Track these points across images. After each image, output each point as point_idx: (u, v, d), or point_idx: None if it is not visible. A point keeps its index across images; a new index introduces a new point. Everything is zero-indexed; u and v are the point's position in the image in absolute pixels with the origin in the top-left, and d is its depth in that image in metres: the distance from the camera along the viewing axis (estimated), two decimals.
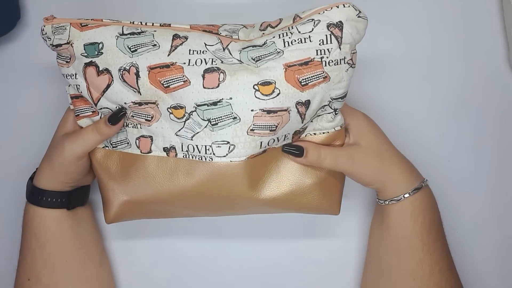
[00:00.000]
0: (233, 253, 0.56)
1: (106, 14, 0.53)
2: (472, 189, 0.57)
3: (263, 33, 0.44)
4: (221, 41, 0.43)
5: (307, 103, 0.43)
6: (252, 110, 0.42)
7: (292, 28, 0.43)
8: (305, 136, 0.47)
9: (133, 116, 0.45)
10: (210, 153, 0.44)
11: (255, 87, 0.42)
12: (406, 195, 0.46)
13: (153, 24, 0.44)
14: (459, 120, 0.58)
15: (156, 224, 0.56)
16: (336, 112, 0.46)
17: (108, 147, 0.47)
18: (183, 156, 0.45)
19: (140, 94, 0.43)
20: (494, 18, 0.60)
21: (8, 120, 0.58)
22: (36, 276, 0.47)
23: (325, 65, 0.42)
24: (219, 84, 0.42)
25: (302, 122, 0.44)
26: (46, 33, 0.44)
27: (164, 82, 0.42)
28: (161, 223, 0.56)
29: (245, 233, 0.56)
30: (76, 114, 0.47)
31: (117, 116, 0.44)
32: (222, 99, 0.42)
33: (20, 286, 0.48)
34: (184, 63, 0.42)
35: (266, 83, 0.42)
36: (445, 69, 0.59)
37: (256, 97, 0.42)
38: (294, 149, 0.45)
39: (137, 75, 0.43)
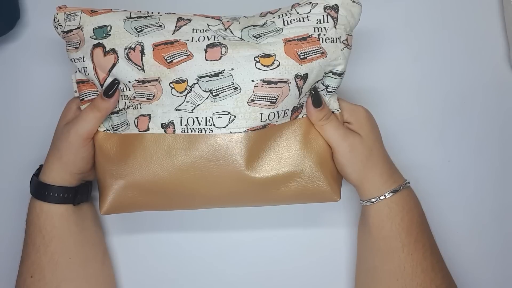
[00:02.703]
0: (233, 246, 0.56)
1: None
2: (472, 189, 0.57)
3: (263, 18, 0.47)
4: (222, 23, 0.46)
5: (305, 77, 0.45)
6: (252, 81, 0.44)
7: (291, 10, 0.46)
8: (302, 117, 0.47)
9: (135, 97, 0.46)
10: (211, 125, 0.44)
11: (256, 59, 0.44)
12: (382, 197, 0.47)
13: (159, 13, 0.47)
14: (459, 120, 0.58)
15: (155, 219, 0.56)
16: (328, 90, 0.47)
17: (109, 130, 0.47)
18: (182, 131, 0.45)
19: (144, 72, 0.45)
20: (494, 18, 0.61)
21: (8, 119, 0.58)
22: (40, 273, 0.47)
23: (322, 42, 0.45)
24: (221, 57, 0.44)
25: (299, 97, 0.46)
26: (58, 21, 0.46)
27: (168, 57, 0.44)
28: (161, 218, 0.56)
29: (245, 227, 0.56)
30: (81, 98, 0.48)
31: (111, 88, 0.45)
32: (224, 70, 0.44)
33: (23, 284, 0.47)
34: (188, 40, 0.44)
35: (267, 56, 0.44)
36: (445, 68, 0.59)
37: (256, 67, 0.44)
38: (317, 97, 0.46)
39: (142, 52, 0.44)
